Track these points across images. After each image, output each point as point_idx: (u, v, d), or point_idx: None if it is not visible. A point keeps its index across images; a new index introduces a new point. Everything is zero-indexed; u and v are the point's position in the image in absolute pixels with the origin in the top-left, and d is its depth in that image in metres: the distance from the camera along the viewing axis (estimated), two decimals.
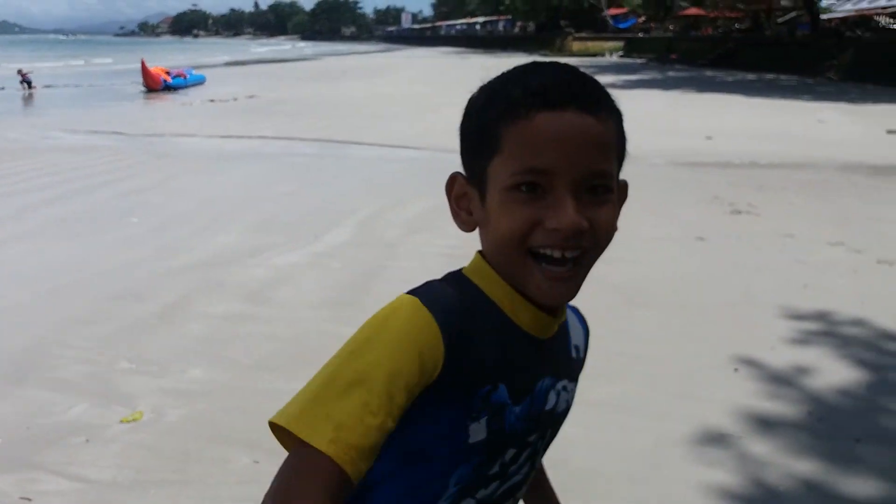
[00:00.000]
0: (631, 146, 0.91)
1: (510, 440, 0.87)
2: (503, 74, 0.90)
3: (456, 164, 0.93)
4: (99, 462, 2.82)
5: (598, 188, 0.83)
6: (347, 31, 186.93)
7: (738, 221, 6.65)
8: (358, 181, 8.69)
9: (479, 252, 0.91)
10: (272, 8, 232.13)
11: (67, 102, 20.42)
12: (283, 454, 0.75)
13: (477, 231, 0.90)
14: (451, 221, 0.92)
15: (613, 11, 62.19)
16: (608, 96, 0.88)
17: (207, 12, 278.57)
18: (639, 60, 41.93)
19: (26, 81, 23.55)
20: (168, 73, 23.82)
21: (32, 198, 7.48)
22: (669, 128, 13.63)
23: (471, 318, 0.84)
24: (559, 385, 0.93)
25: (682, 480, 2.81)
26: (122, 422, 3.11)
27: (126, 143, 11.69)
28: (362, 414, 0.75)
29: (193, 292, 4.69)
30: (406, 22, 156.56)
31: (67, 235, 6.01)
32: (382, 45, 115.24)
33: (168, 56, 46.49)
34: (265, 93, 21.33)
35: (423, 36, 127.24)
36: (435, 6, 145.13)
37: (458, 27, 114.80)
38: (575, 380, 0.99)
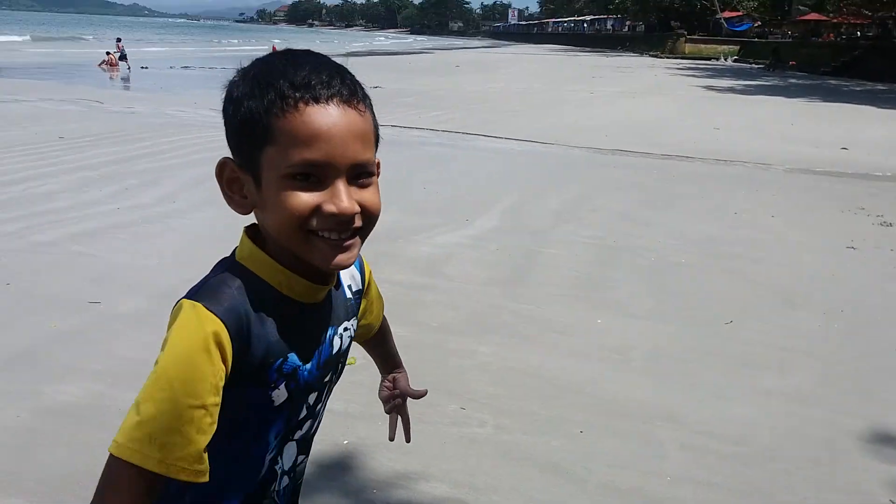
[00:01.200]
0: (763, 152, 1.11)
1: (309, 389, 1.02)
2: (264, 62, 0.95)
3: (580, 159, 1.12)
4: None
5: (363, 174, 0.93)
6: (454, 25, 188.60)
7: (888, 233, 6.55)
8: (494, 172, 9.02)
9: (247, 233, 0.99)
10: (383, 1, 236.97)
11: (208, 83, 21.78)
12: (484, 402, 0.94)
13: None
14: (594, 212, 1.06)
15: (728, 14, 60.11)
16: (362, 86, 0.96)
17: (322, 2, 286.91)
18: (755, 65, 40.44)
19: (122, 55, 25.80)
20: None
21: (203, 169, 8.14)
22: (800, 136, 13.29)
23: (251, 307, 0.92)
24: (340, 329, 1.08)
25: (862, 469, 2.95)
26: None
27: None
28: (180, 427, 0.85)
29: (371, 261, 5.12)
30: (512, 18, 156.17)
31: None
32: (489, 41, 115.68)
33: (296, 45, 48.39)
34: (388, 84, 22.03)
35: (529, 33, 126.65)
36: (542, 3, 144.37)
37: (565, 24, 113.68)
38: (355, 314, 1.15)
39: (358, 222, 0.93)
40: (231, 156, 0.96)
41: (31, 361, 3.50)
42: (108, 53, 26.39)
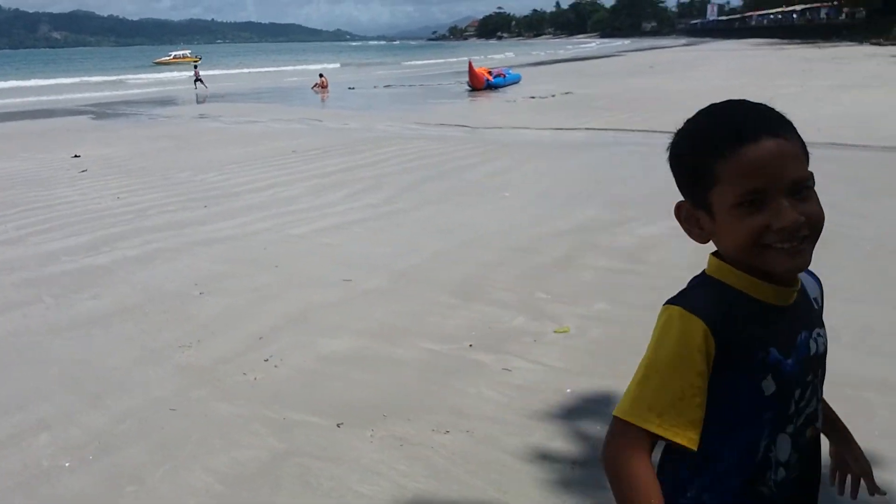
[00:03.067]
0: None
1: (794, 384, 1.15)
2: (697, 119, 1.15)
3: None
4: (548, 355, 3.74)
5: (801, 189, 1.08)
6: (648, 25, 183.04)
7: None
8: None
9: (713, 255, 1.18)
10: (573, 7, 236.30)
11: (409, 100, 23.44)
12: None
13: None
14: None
15: None
16: (781, 116, 1.11)
17: (511, 14, 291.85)
18: None
19: (199, 80, 31.58)
20: (490, 72, 25.97)
21: (417, 175, 9.10)
22: None
23: (726, 308, 1.11)
24: (813, 334, 1.20)
25: None
26: (555, 332, 4.02)
27: (471, 134, 13.32)
28: (673, 401, 1.09)
29: (576, 250, 5.56)
30: (711, 14, 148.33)
31: (460, 204, 7.33)
32: (685, 39, 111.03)
33: (483, 57, 50.09)
34: (579, 89, 22.30)
35: (730, 28, 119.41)
36: None
37: (770, 17, 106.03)
38: (822, 325, 1.25)
39: (805, 230, 1.08)
40: (683, 199, 1.20)
41: (305, 323, 4.34)
42: (320, 76, 29.20)
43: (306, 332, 4.17)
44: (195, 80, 31.93)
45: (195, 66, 34.83)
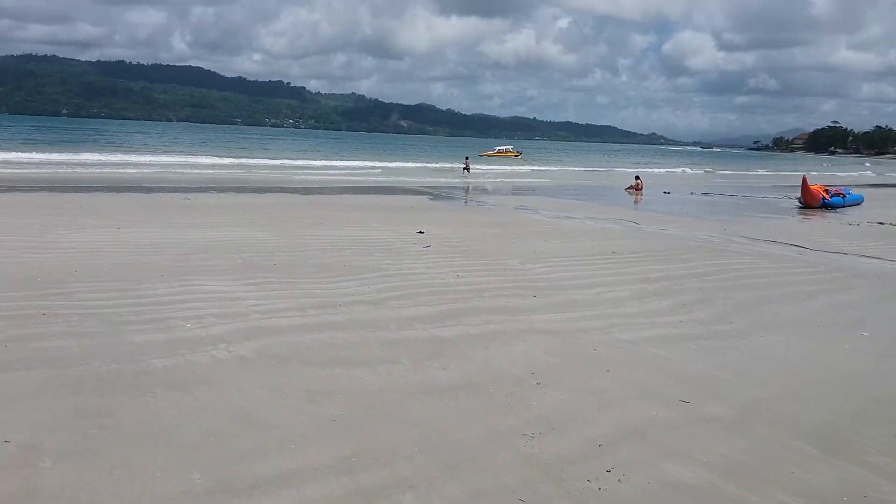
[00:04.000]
0: None
1: None
2: None
3: None
4: None
5: None
6: None
7: None
8: None
9: None
10: None
11: (730, 210, 22.41)
12: None
13: None
14: None
15: None
16: None
17: (848, 129, 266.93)
18: None
19: (467, 168, 37.93)
20: (826, 190, 23.83)
21: (750, 294, 8.52)
22: None
23: None
24: None
25: None
26: None
27: (808, 256, 12.19)
28: None
29: None
30: None
31: (805, 336, 6.68)
32: None
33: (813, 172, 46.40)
34: None
35: None
36: None
37: None
38: None
39: None
40: None
41: (643, 439, 4.19)
42: (636, 178, 29.41)
43: (647, 451, 4.02)
44: (464, 169, 37.95)
45: (466, 158, 41.26)
